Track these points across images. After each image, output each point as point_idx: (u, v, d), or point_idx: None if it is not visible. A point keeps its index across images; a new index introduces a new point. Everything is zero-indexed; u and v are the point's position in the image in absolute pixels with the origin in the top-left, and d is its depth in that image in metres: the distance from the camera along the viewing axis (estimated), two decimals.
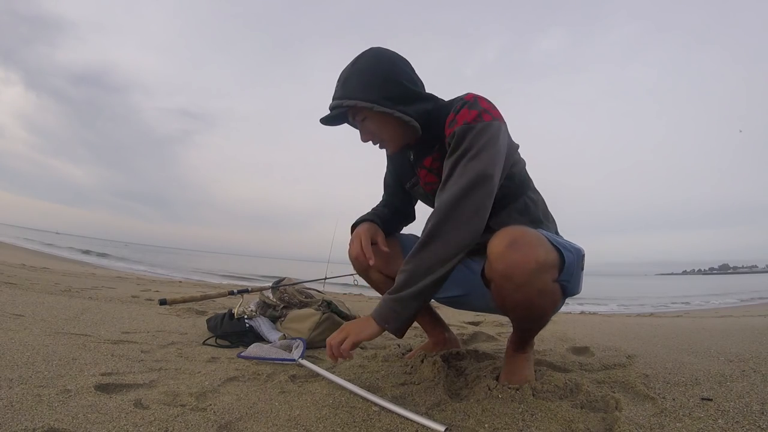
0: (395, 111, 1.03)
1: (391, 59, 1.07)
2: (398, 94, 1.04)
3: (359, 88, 1.03)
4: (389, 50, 1.09)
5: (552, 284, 0.93)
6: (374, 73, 1.04)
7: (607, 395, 0.97)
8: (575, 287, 1.01)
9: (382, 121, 1.07)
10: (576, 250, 1.01)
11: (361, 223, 1.28)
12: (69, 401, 0.90)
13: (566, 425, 0.84)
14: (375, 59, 1.06)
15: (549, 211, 1.18)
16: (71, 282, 3.72)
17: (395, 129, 1.09)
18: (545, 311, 0.98)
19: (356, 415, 0.92)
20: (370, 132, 1.10)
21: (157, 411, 0.88)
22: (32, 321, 1.72)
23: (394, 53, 1.08)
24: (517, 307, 0.96)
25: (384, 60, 1.06)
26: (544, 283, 0.91)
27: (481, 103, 1.02)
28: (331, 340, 0.98)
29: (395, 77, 1.05)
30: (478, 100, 1.03)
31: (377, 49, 1.08)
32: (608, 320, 3.31)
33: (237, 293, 1.69)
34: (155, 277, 7.94)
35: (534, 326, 1.06)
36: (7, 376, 1.02)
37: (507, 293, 0.93)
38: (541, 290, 0.92)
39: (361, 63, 1.06)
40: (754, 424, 0.83)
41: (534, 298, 0.92)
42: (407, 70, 1.08)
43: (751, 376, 1.14)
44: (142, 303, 2.67)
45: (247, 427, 0.85)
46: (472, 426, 0.86)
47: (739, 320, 3.10)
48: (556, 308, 1.02)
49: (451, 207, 0.94)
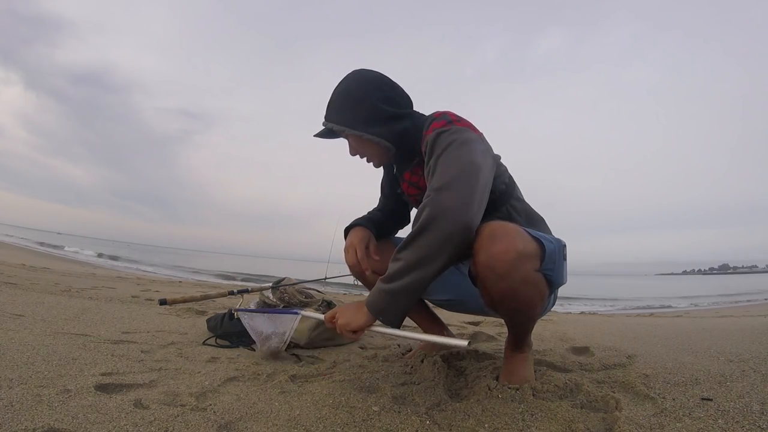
0: (364, 134, 1.10)
1: (370, 81, 1.12)
2: (371, 116, 1.10)
3: (337, 111, 1.12)
4: (371, 72, 1.14)
5: (534, 273, 0.95)
6: (349, 96, 1.11)
7: (607, 395, 0.97)
8: (559, 277, 1.01)
9: (359, 140, 1.14)
10: (556, 240, 1.03)
11: (354, 228, 1.32)
12: (69, 401, 0.90)
13: (566, 425, 0.84)
14: (353, 83, 1.12)
15: (536, 213, 1.20)
16: (71, 282, 3.72)
17: (372, 147, 1.15)
18: (532, 302, 0.98)
19: (356, 415, 0.92)
20: (354, 148, 1.18)
21: (157, 411, 0.88)
22: (32, 321, 1.72)
23: (372, 73, 1.14)
24: (504, 299, 0.96)
25: (362, 83, 1.12)
26: (526, 271, 0.93)
27: (450, 115, 1.08)
28: (339, 323, 1.00)
29: (370, 100, 1.10)
30: (446, 113, 1.10)
31: (359, 72, 1.14)
32: (608, 320, 3.31)
33: (237, 293, 1.69)
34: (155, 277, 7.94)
35: (524, 320, 1.06)
36: (7, 376, 1.02)
37: (491, 284, 0.94)
38: (524, 279, 0.93)
39: (341, 86, 1.13)
40: (754, 424, 0.83)
41: (518, 287, 0.93)
42: (385, 91, 1.12)
43: (751, 376, 1.14)
44: (142, 303, 2.67)
45: (247, 427, 0.85)
46: (472, 426, 0.86)
47: (739, 320, 3.10)
48: (545, 299, 1.02)
49: (438, 200, 0.92)
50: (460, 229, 0.90)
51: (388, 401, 0.99)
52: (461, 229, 0.90)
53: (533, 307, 1.00)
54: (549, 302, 1.12)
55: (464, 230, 0.90)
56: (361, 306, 0.98)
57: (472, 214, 0.91)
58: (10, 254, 8.95)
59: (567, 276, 1.05)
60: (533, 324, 1.11)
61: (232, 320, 1.68)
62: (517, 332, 1.09)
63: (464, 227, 0.90)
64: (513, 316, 1.05)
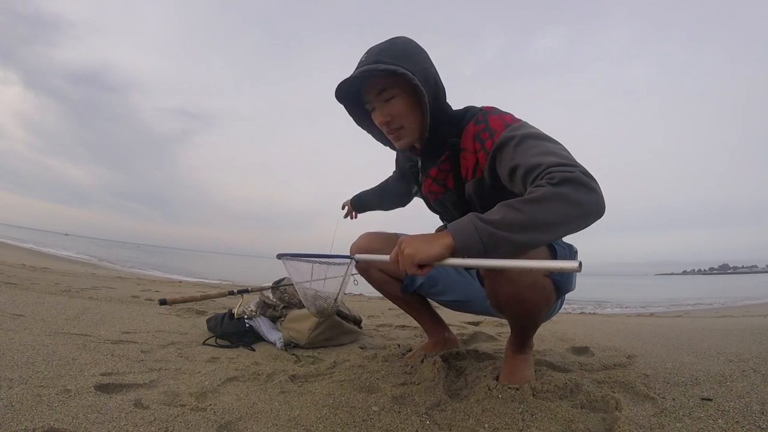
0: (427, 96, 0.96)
1: (424, 50, 1.01)
2: (431, 85, 0.99)
3: (403, 58, 0.95)
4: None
5: (543, 279, 0.94)
6: (418, 54, 0.98)
7: (607, 395, 0.97)
8: (568, 283, 1.00)
9: (412, 104, 1.00)
10: (568, 246, 1.02)
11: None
12: (69, 401, 0.90)
13: (566, 425, 0.84)
14: (417, 45, 1.00)
15: None
16: (71, 282, 3.72)
17: (419, 118, 1.02)
18: (538, 306, 0.98)
19: (356, 415, 0.92)
20: (394, 113, 1.01)
21: (157, 411, 0.88)
22: (32, 321, 1.72)
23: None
24: (509, 301, 0.96)
25: (420, 48, 1.01)
26: (534, 276, 0.92)
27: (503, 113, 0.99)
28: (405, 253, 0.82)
29: (433, 69, 1.00)
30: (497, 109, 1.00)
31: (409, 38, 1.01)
32: (608, 320, 3.31)
33: (237, 293, 1.69)
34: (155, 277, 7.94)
35: (529, 323, 1.05)
36: (7, 376, 1.02)
37: (498, 286, 0.93)
38: (531, 283, 0.92)
39: (401, 41, 0.98)
40: (754, 424, 0.83)
41: (525, 291, 0.92)
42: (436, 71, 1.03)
43: (751, 376, 1.14)
44: (142, 303, 2.67)
45: (247, 427, 0.85)
46: (472, 426, 0.86)
47: (739, 320, 3.10)
48: (550, 305, 1.01)
49: (584, 176, 0.77)
50: (598, 213, 0.78)
51: (388, 401, 0.99)
52: (598, 213, 0.78)
53: (538, 312, 1.00)
54: (556, 306, 1.11)
55: (598, 215, 0.79)
56: (435, 237, 0.81)
57: (598, 195, 0.78)
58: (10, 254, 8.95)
59: (576, 282, 1.04)
60: (537, 327, 1.10)
61: (232, 320, 1.68)
62: (520, 334, 1.09)
63: (600, 216, 0.79)
64: (518, 319, 1.05)
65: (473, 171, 1.01)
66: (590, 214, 0.77)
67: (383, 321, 2.43)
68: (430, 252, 0.79)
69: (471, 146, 0.99)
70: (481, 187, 1.01)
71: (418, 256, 0.80)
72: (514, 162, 0.87)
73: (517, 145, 0.88)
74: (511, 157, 0.88)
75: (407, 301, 1.44)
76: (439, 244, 0.79)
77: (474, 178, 1.01)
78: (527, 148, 0.86)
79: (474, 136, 0.98)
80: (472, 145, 0.99)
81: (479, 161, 0.99)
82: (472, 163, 1.00)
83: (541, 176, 0.79)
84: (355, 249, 1.36)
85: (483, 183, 1.00)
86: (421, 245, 0.81)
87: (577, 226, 0.78)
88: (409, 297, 1.42)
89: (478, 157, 0.98)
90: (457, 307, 1.36)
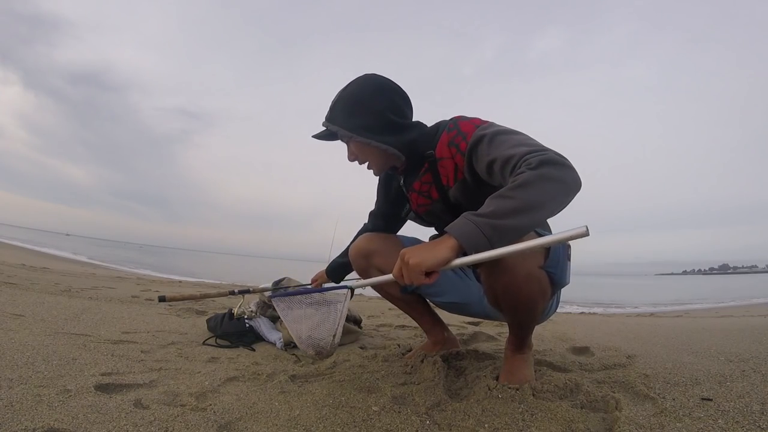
0: (372, 141, 1.07)
1: (380, 89, 1.09)
2: (380, 125, 1.08)
3: (343, 115, 1.08)
4: (381, 78, 1.11)
5: (538, 270, 0.95)
6: (359, 102, 1.08)
7: (607, 395, 0.97)
8: (563, 277, 1.01)
9: (363, 147, 1.11)
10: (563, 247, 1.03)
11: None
12: (69, 401, 0.90)
13: (566, 425, 0.84)
14: (363, 87, 1.09)
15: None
16: (71, 282, 3.72)
17: (376, 155, 1.13)
18: (534, 299, 0.99)
19: (356, 415, 0.92)
20: (354, 154, 1.15)
21: (157, 411, 0.88)
22: (32, 321, 1.72)
23: (385, 81, 1.11)
24: (506, 293, 0.97)
25: (372, 89, 1.09)
26: (529, 267, 0.93)
27: (472, 118, 1.06)
28: (411, 264, 0.82)
29: (379, 108, 1.08)
30: (465, 116, 1.07)
31: (369, 77, 1.11)
32: (608, 320, 3.31)
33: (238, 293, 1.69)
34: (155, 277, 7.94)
35: (526, 318, 1.06)
36: (7, 376, 1.02)
37: (495, 278, 0.95)
38: (527, 275, 0.93)
39: (349, 89, 1.09)
40: (754, 424, 0.83)
41: (521, 283, 0.94)
42: (395, 100, 1.10)
43: (751, 376, 1.14)
44: (142, 303, 2.67)
45: (247, 427, 0.85)
46: (472, 426, 0.86)
47: (739, 320, 3.10)
48: (546, 299, 1.02)
49: (554, 155, 0.84)
50: (578, 186, 0.84)
51: (388, 401, 0.99)
52: (578, 186, 0.84)
53: (535, 305, 1.00)
54: (552, 304, 1.13)
55: (578, 188, 0.84)
56: (437, 242, 0.82)
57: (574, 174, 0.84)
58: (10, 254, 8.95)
59: (570, 277, 1.05)
60: (535, 324, 1.11)
61: (232, 320, 1.68)
62: (519, 332, 1.09)
63: (579, 189, 0.85)
64: (515, 314, 1.05)
65: (454, 175, 1.07)
66: (572, 187, 0.84)
67: (383, 321, 2.44)
68: (437, 257, 0.80)
69: (447, 153, 1.06)
70: (465, 188, 1.07)
71: (426, 263, 0.80)
72: (490, 157, 0.93)
73: (489, 141, 0.95)
74: (486, 153, 0.95)
75: (407, 301, 1.44)
76: (444, 248, 0.80)
77: (456, 181, 1.07)
78: (499, 143, 0.93)
79: (449, 143, 1.05)
80: (448, 151, 1.06)
81: (458, 165, 1.05)
82: (451, 169, 1.07)
83: (519, 165, 0.85)
84: (354, 250, 1.36)
85: (466, 184, 1.06)
86: (426, 252, 0.81)
87: (563, 201, 0.84)
88: (408, 297, 1.43)
89: (456, 161, 1.05)
90: (454, 309, 1.37)
